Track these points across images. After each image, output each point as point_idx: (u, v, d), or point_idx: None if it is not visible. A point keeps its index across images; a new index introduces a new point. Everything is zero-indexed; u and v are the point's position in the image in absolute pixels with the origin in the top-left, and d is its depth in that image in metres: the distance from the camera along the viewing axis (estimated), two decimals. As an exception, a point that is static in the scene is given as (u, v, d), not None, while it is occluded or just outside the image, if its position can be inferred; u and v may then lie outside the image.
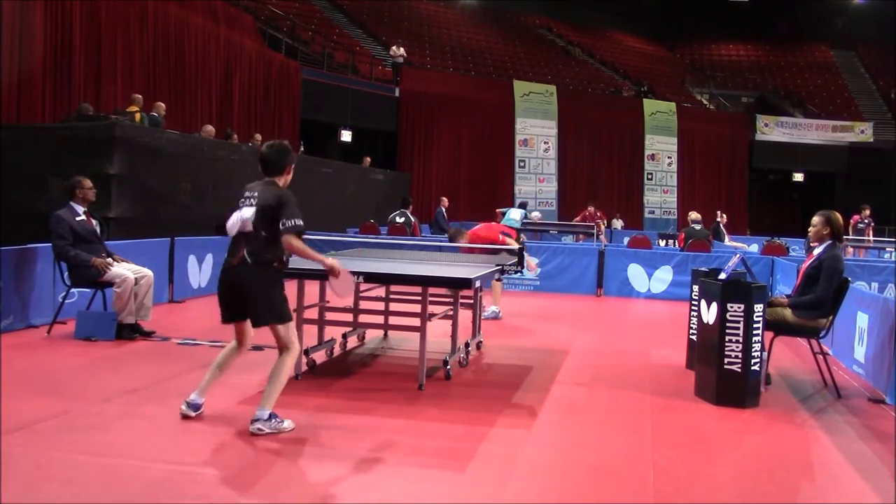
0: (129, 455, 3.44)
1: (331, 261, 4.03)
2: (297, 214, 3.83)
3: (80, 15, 11.34)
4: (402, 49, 22.30)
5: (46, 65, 10.76)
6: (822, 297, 5.08)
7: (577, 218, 18.10)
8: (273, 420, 3.83)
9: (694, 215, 12.76)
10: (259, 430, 3.78)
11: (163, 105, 11.83)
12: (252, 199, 3.91)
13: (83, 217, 6.09)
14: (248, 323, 4.00)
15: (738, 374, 4.67)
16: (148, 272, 6.21)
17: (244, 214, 3.88)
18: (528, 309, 8.59)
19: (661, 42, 33.93)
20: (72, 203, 6.09)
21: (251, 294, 3.87)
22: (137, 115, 10.77)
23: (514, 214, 15.15)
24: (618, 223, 21.51)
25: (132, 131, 8.80)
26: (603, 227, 17.73)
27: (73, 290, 6.30)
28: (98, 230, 6.21)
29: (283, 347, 3.96)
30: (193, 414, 4.00)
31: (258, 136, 13.95)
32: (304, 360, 5.10)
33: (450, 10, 29.12)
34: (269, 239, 3.84)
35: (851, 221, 15.31)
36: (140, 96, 11.19)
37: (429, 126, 21.93)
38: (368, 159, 18.29)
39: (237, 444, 3.69)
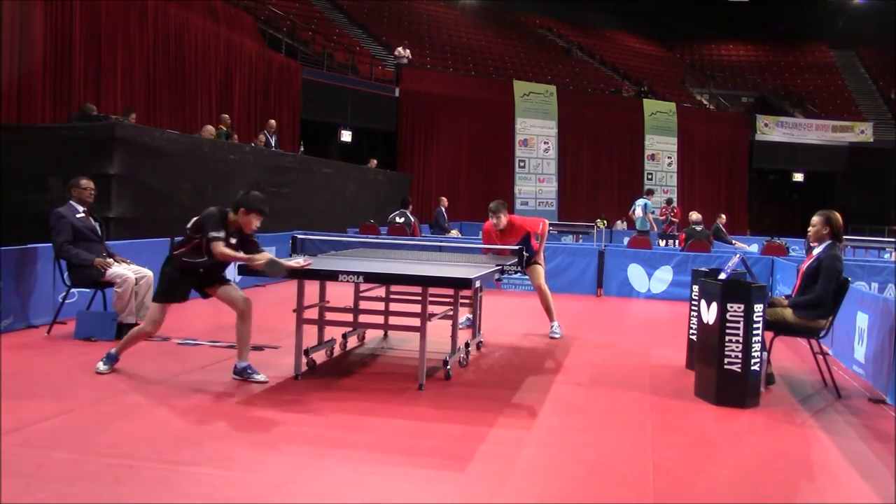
0: (129, 455, 3.44)
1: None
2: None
3: (80, 15, 11.33)
4: (407, 50, 22.32)
5: (46, 65, 10.74)
6: (821, 296, 5.08)
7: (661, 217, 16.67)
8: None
9: (695, 216, 12.78)
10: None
11: (227, 117, 13.24)
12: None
13: (83, 214, 6.10)
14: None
15: (738, 374, 4.67)
16: (148, 272, 6.20)
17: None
18: (528, 309, 8.58)
19: (661, 42, 33.95)
20: (71, 201, 6.10)
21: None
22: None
23: (639, 211, 14.60)
24: (622, 225, 21.57)
25: (132, 131, 8.80)
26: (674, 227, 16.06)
27: (73, 290, 6.29)
28: (98, 228, 6.21)
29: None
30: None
31: (261, 138, 13.90)
32: (304, 360, 5.11)
33: (450, 10, 29.13)
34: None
35: None
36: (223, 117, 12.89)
37: (429, 126, 21.94)
38: (375, 161, 18.27)
39: (237, 444, 3.69)
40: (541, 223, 7.08)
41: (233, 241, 4.88)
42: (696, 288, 5.58)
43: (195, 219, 4.93)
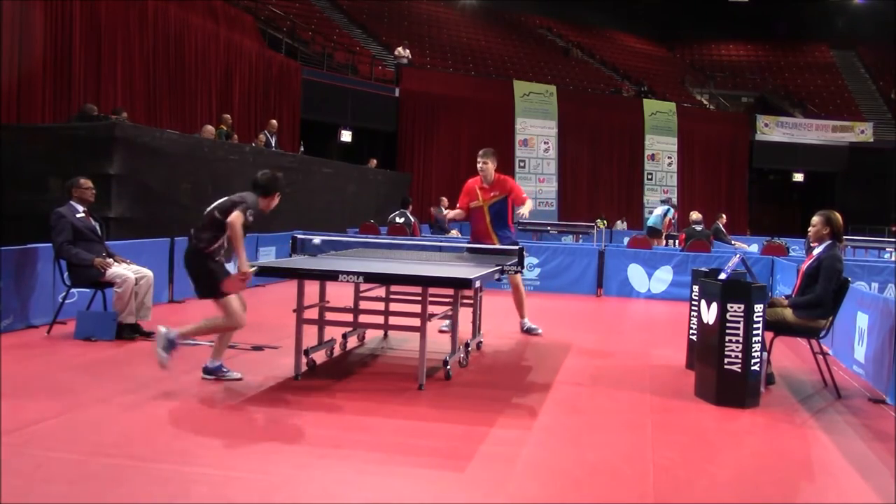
0: (129, 455, 3.44)
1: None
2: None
3: (80, 15, 11.33)
4: (407, 50, 22.33)
5: (46, 65, 10.74)
6: (821, 296, 5.09)
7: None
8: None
9: (695, 216, 12.78)
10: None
11: (229, 117, 13.35)
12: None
13: (83, 214, 6.11)
14: None
15: (738, 374, 4.67)
16: (148, 272, 6.21)
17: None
18: (527, 309, 8.58)
19: (661, 42, 33.95)
20: (71, 201, 6.11)
21: None
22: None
23: (659, 210, 14.62)
24: (622, 225, 21.62)
25: (132, 131, 8.79)
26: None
27: (73, 290, 6.29)
28: (98, 228, 6.22)
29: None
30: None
31: (262, 138, 13.91)
32: (304, 360, 5.11)
33: (450, 10, 29.13)
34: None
35: None
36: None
37: (429, 126, 21.93)
38: (375, 161, 18.28)
39: (238, 444, 3.69)
40: (527, 198, 6.87)
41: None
42: (696, 288, 5.58)
43: (227, 199, 4.86)
